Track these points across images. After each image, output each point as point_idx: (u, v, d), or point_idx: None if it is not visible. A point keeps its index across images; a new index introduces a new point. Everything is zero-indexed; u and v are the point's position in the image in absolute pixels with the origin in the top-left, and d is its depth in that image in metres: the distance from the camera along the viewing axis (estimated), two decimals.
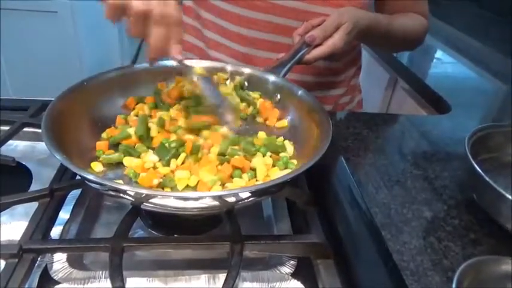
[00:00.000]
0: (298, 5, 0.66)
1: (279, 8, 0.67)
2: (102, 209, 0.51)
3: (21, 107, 0.63)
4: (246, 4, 0.67)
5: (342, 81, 0.80)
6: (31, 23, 1.85)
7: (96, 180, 0.37)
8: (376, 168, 0.58)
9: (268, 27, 0.69)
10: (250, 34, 0.70)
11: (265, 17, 0.68)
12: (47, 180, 0.50)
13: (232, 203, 0.40)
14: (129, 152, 0.47)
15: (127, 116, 0.54)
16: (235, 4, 0.68)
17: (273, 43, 0.70)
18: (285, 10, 0.67)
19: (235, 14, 0.69)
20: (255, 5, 0.67)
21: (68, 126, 0.47)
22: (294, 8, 0.66)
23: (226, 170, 0.45)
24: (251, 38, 0.70)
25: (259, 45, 0.71)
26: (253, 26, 0.69)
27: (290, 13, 0.67)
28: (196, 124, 0.52)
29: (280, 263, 0.44)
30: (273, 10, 0.67)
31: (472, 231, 0.48)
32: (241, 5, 0.68)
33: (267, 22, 0.68)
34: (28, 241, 0.40)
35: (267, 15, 0.67)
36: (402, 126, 0.74)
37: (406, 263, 0.43)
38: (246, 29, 0.70)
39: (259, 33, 0.70)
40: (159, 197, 0.38)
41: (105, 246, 0.39)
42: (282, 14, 0.67)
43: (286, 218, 0.51)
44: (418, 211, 0.50)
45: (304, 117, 0.54)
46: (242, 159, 0.46)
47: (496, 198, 0.45)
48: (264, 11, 0.67)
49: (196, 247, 0.41)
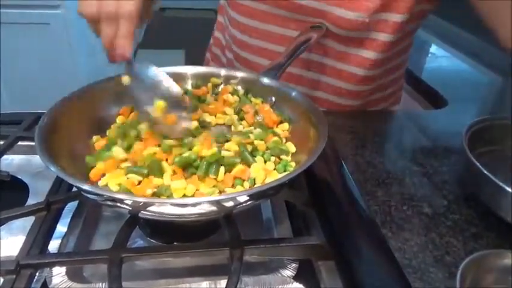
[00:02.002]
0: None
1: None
2: (100, 219, 0.51)
3: (15, 121, 0.62)
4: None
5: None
6: (24, 36, 1.84)
7: (92, 191, 0.37)
8: (375, 165, 0.58)
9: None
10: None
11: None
12: (43, 193, 0.50)
13: (231, 207, 0.40)
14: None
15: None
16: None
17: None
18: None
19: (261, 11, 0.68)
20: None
21: (61, 137, 0.46)
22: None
23: (229, 181, 0.44)
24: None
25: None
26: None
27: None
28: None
29: (281, 266, 0.44)
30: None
31: (472, 226, 0.48)
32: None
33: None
34: (25, 256, 0.39)
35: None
36: (399, 122, 0.74)
37: (408, 261, 0.43)
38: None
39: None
40: (156, 204, 0.37)
41: (103, 258, 0.38)
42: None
43: (286, 220, 0.51)
44: (418, 207, 0.50)
45: (299, 119, 0.54)
46: (244, 170, 0.45)
47: (495, 192, 0.45)
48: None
49: (195, 254, 0.41)
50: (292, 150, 0.50)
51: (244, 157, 0.46)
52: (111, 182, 0.42)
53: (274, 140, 0.50)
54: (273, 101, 0.58)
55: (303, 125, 0.52)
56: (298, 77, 0.72)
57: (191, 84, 0.60)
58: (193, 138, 0.48)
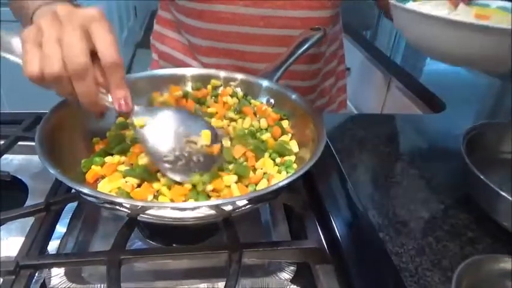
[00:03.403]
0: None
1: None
2: (99, 220, 0.51)
3: (15, 121, 0.63)
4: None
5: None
6: None
7: (90, 194, 0.37)
8: (373, 169, 0.58)
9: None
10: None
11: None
12: (43, 193, 0.50)
13: (229, 211, 0.40)
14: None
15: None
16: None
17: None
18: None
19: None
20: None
21: (61, 139, 0.46)
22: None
23: (242, 190, 0.43)
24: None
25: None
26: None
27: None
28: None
29: (279, 269, 0.44)
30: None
31: (469, 230, 0.48)
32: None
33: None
34: (25, 257, 0.39)
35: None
36: (397, 126, 0.75)
37: (405, 265, 0.43)
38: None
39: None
40: (155, 208, 0.38)
41: (102, 260, 0.38)
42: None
43: (284, 223, 0.51)
44: (415, 211, 0.51)
45: (298, 122, 0.54)
46: (259, 177, 0.45)
47: (492, 197, 0.45)
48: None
49: (194, 257, 0.41)
50: (295, 150, 0.51)
51: (256, 146, 0.48)
52: (110, 186, 0.42)
53: (281, 140, 0.51)
54: (272, 103, 0.58)
55: (302, 128, 0.52)
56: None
57: (191, 86, 0.61)
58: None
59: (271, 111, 0.56)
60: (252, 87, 0.60)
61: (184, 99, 0.58)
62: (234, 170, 0.45)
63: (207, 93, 0.60)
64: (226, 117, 0.56)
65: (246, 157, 0.48)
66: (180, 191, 0.42)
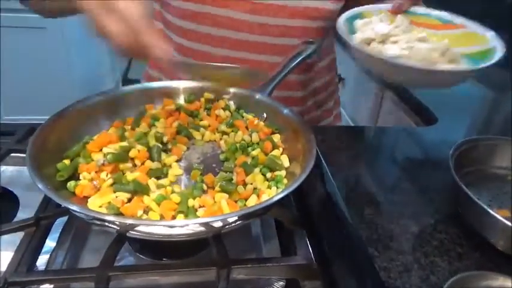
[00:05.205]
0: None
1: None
2: (90, 234, 0.51)
3: (8, 132, 0.62)
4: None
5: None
6: (20, 40, 1.84)
7: (79, 211, 0.37)
8: (364, 183, 0.58)
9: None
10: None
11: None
12: (34, 205, 0.50)
13: (219, 227, 0.40)
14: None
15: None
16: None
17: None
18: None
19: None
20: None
21: (53, 153, 0.47)
22: None
23: (232, 206, 0.44)
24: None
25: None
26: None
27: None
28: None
29: (268, 284, 0.44)
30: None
31: (458, 245, 0.48)
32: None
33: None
34: (13, 273, 0.39)
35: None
36: (389, 139, 0.75)
37: (393, 280, 0.43)
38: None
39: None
40: (144, 225, 0.38)
41: (90, 277, 0.38)
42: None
43: (275, 237, 0.51)
44: (405, 226, 0.51)
45: (290, 136, 0.54)
46: (249, 193, 0.46)
47: (479, 213, 0.46)
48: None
49: (182, 273, 0.41)
50: (286, 165, 0.51)
51: (245, 166, 0.48)
52: (100, 201, 0.42)
53: (272, 154, 0.51)
54: (264, 117, 0.59)
55: (293, 143, 0.53)
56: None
57: (184, 99, 0.61)
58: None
59: (263, 125, 0.56)
60: (245, 100, 0.60)
61: (177, 112, 0.58)
62: (222, 188, 0.45)
63: (200, 106, 0.60)
64: (219, 130, 0.57)
65: (236, 172, 0.48)
66: (169, 205, 0.42)
